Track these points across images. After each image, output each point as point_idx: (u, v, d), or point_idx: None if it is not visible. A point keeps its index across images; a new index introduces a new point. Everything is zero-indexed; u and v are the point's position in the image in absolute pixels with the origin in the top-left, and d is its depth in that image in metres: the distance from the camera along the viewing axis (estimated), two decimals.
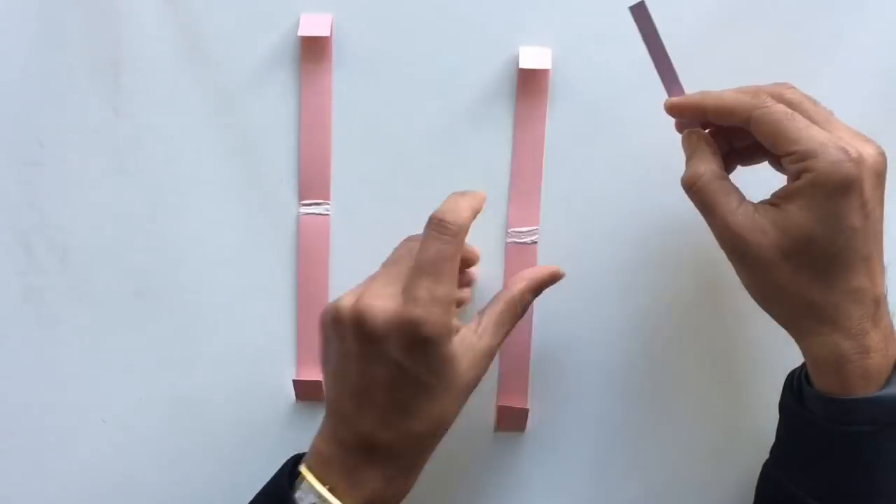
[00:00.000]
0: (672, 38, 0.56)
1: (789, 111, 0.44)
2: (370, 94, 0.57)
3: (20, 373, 0.60)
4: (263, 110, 0.58)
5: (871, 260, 0.43)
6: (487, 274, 0.58)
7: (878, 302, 0.44)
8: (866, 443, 0.44)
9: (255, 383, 0.59)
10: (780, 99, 0.45)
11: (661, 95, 0.56)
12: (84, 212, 0.59)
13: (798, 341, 0.46)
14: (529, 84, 0.56)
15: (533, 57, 0.55)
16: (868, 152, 0.43)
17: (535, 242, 0.57)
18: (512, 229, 0.57)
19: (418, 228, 0.47)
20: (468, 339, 0.47)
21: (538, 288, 0.51)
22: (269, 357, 0.59)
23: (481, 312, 0.49)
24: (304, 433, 0.51)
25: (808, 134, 0.42)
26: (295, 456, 0.49)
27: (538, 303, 0.53)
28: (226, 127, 0.58)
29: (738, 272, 0.46)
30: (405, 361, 0.44)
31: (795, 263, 0.43)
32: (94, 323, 0.59)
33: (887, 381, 0.43)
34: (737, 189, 0.46)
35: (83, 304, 0.59)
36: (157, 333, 0.59)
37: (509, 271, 0.57)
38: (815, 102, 0.46)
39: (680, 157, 0.49)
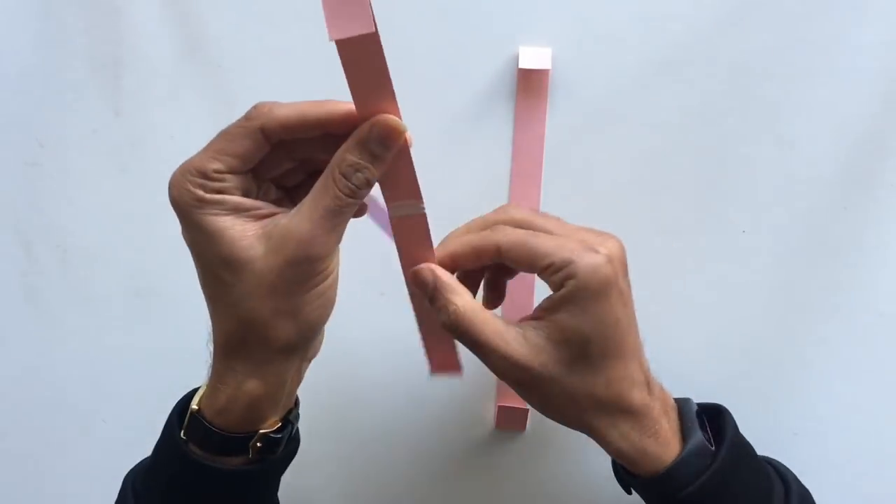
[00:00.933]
0: (672, 38, 0.56)
1: (529, 231, 0.44)
2: None
3: (20, 373, 0.60)
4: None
5: (637, 342, 0.45)
6: None
7: (647, 374, 0.45)
8: (706, 499, 0.44)
9: None
10: (511, 222, 0.45)
11: (660, 95, 0.56)
12: (84, 212, 0.59)
13: (597, 440, 0.45)
14: (529, 84, 0.56)
15: (533, 57, 0.55)
16: (612, 246, 0.43)
17: None
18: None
19: None
20: (274, 220, 0.41)
21: (367, 150, 0.41)
22: None
23: None
24: None
25: (560, 245, 0.43)
26: None
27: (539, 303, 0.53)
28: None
29: (522, 395, 0.45)
30: (185, 238, 0.42)
31: (576, 368, 0.43)
32: (94, 323, 0.59)
33: (684, 437, 0.45)
34: (496, 316, 0.44)
35: (83, 304, 0.59)
36: (157, 333, 0.59)
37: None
38: (541, 214, 0.46)
39: (681, 156, 0.49)
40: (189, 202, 0.41)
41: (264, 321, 0.42)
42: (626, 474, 0.47)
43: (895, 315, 0.57)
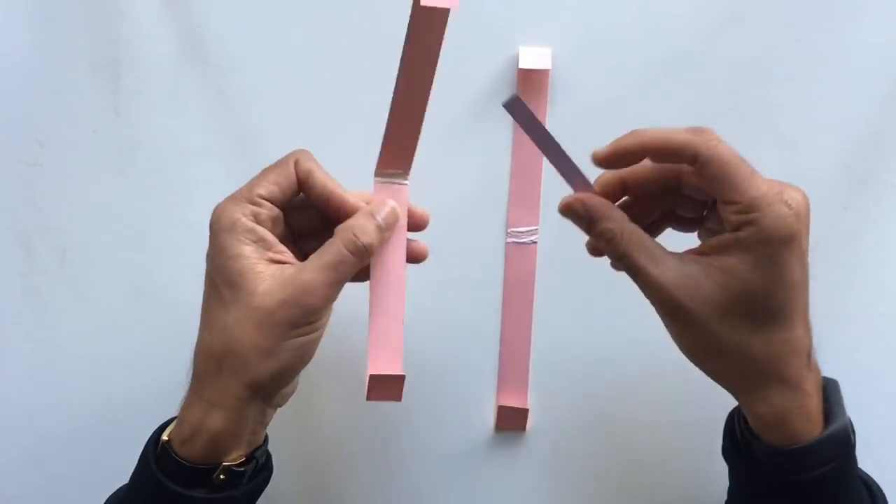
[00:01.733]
0: (672, 38, 0.56)
1: (736, 153, 0.41)
2: (371, 93, 0.57)
3: (20, 373, 0.60)
4: (262, 108, 0.58)
5: (807, 309, 0.42)
6: (488, 274, 0.58)
7: (811, 344, 0.43)
8: (822, 487, 0.43)
9: None
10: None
11: (660, 95, 0.56)
12: (84, 212, 0.59)
13: (737, 397, 0.44)
14: (529, 84, 0.56)
15: (533, 57, 0.55)
16: (801, 201, 0.41)
17: (535, 242, 0.57)
18: (512, 229, 0.57)
19: None
20: (288, 265, 0.45)
21: (372, 220, 0.46)
22: None
23: None
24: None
25: (754, 184, 0.40)
26: None
27: (539, 303, 0.53)
28: (225, 127, 0.58)
29: (669, 329, 0.44)
30: (208, 255, 0.46)
31: (734, 318, 0.41)
32: (94, 323, 0.59)
33: (826, 419, 0.43)
34: (657, 243, 0.43)
35: (83, 304, 0.59)
36: (157, 333, 0.59)
37: (509, 271, 0.57)
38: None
39: None
40: (227, 223, 0.45)
41: (244, 352, 0.44)
42: (749, 433, 0.44)
43: (895, 315, 0.57)
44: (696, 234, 0.47)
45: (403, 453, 0.60)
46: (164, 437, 0.46)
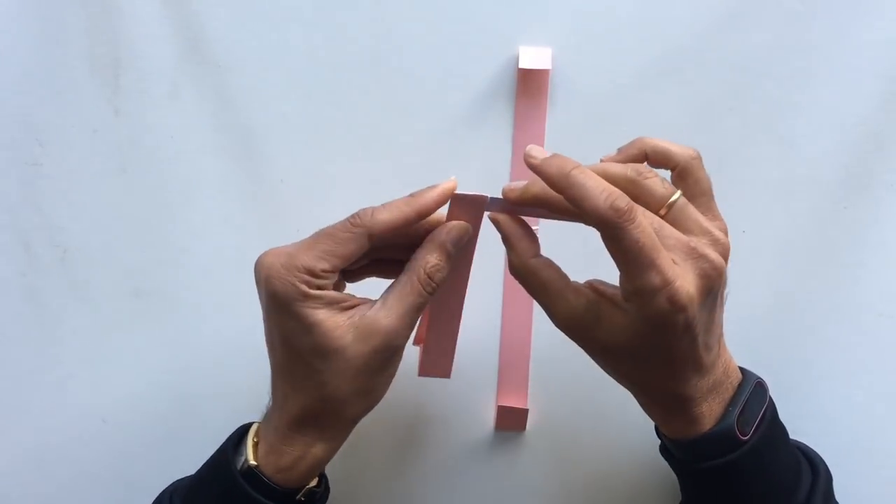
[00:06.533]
0: (672, 38, 0.56)
1: (640, 241, 0.40)
2: (371, 93, 0.58)
3: (20, 373, 0.60)
4: (262, 108, 0.58)
5: (699, 355, 0.44)
6: (487, 273, 0.58)
7: (707, 372, 0.45)
8: (731, 471, 0.45)
9: (255, 382, 0.59)
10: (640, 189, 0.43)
11: (660, 95, 0.56)
12: (84, 212, 0.59)
13: (635, 398, 0.47)
14: (529, 84, 0.56)
15: (533, 57, 0.55)
16: (693, 289, 0.42)
17: None
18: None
19: None
20: (360, 311, 0.45)
21: (445, 251, 0.46)
22: (266, 357, 0.59)
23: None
24: None
25: (646, 277, 0.41)
26: (249, 424, 0.50)
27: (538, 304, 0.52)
28: (225, 127, 0.58)
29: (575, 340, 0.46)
30: (269, 316, 0.46)
31: (621, 356, 0.44)
32: (94, 323, 0.59)
33: (720, 417, 0.45)
34: (564, 276, 0.46)
35: (83, 304, 0.59)
36: (157, 333, 0.59)
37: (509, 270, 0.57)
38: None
39: None
40: (294, 296, 0.44)
41: (343, 399, 0.46)
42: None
43: (895, 315, 0.57)
44: None
45: (403, 453, 0.60)
46: (252, 461, 0.47)
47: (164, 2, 0.57)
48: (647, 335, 0.42)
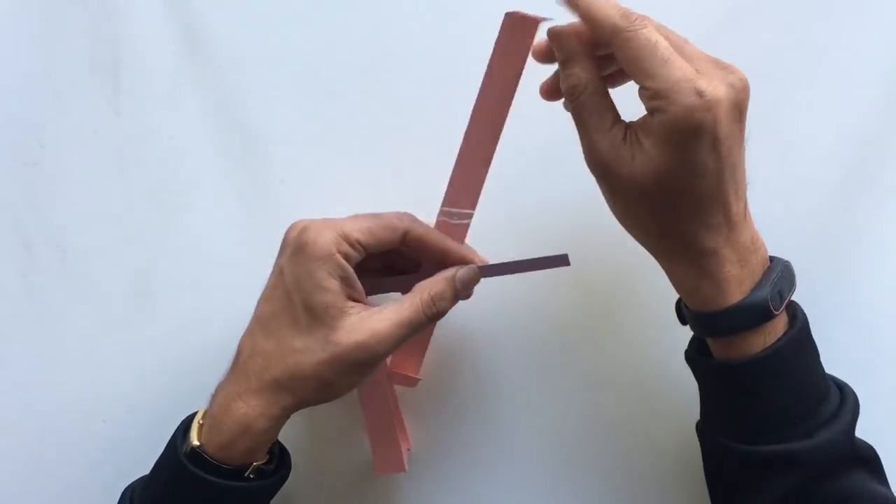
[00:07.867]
0: None
1: (654, 39, 0.41)
2: (371, 93, 0.58)
3: (20, 373, 0.60)
4: (262, 108, 0.58)
5: (726, 194, 0.43)
6: None
7: (731, 218, 0.43)
8: (757, 371, 0.45)
9: None
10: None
11: None
12: (84, 212, 0.59)
13: (661, 265, 0.46)
14: (514, 32, 0.49)
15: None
16: (722, 91, 0.41)
17: (467, 225, 0.53)
18: (445, 208, 0.53)
19: None
20: (360, 307, 0.47)
21: (453, 286, 0.49)
22: None
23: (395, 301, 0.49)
24: None
25: (665, 70, 0.40)
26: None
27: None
28: (225, 127, 0.58)
29: (601, 189, 0.45)
30: (286, 265, 0.47)
31: (651, 198, 0.43)
32: (94, 323, 0.59)
33: (753, 289, 0.44)
34: (613, 106, 0.44)
35: (83, 304, 0.59)
36: (157, 333, 0.59)
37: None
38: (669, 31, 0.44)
39: None
40: (323, 248, 0.46)
41: (305, 379, 0.46)
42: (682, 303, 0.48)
43: (895, 315, 0.57)
44: None
45: None
46: (196, 441, 0.47)
47: (164, 2, 0.57)
48: (677, 156, 0.41)
